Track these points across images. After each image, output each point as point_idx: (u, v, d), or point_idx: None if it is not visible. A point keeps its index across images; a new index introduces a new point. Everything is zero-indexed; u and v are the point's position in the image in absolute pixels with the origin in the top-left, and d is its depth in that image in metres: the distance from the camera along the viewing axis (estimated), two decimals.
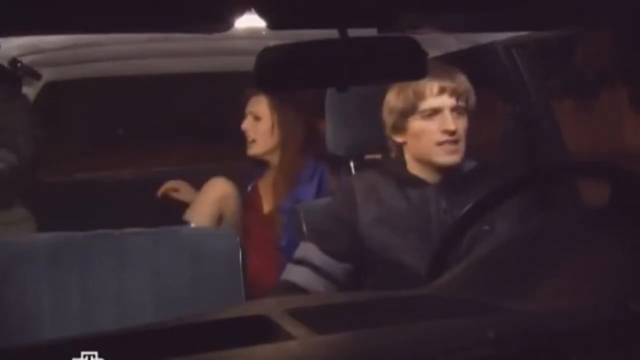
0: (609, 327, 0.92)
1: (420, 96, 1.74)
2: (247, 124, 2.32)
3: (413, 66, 1.28)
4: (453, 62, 1.84)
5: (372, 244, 1.76)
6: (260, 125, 2.29)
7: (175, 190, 2.52)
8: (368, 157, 2.23)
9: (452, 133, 1.73)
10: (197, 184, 2.47)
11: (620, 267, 1.10)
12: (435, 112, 1.75)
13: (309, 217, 1.98)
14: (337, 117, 2.05)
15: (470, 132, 1.78)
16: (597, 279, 1.08)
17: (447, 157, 1.75)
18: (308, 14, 1.05)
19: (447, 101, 1.74)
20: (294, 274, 1.78)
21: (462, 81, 1.77)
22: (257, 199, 2.40)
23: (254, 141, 2.31)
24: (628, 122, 5.88)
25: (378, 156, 2.20)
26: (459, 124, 1.75)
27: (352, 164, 2.17)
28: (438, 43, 2.17)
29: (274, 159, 2.32)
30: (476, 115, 1.83)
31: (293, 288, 1.74)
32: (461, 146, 1.76)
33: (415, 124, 1.77)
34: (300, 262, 1.78)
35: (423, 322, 1.02)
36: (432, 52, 2.16)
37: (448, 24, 1.47)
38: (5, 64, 2.14)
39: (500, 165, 1.95)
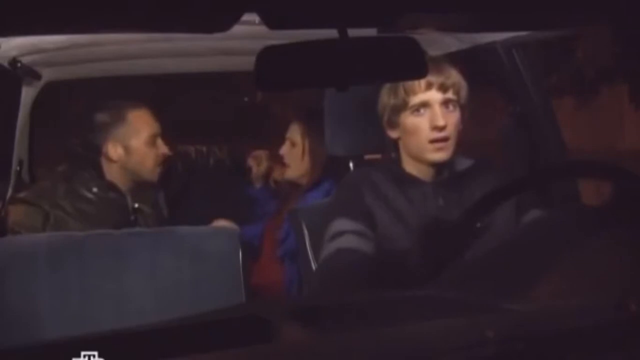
0: (609, 327, 0.92)
1: (409, 92, 1.74)
2: (284, 149, 2.41)
3: (413, 66, 1.29)
4: (453, 62, 1.84)
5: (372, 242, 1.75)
6: (295, 151, 2.37)
7: (257, 158, 2.66)
8: (368, 157, 2.23)
9: (441, 129, 1.73)
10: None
11: (620, 267, 1.10)
12: (424, 107, 1.74)
13: (309, 218, 1.98)
14: (337, 117, 2.04)
15: (464, 126, 1.78)
16: (597, 278, 1.08)
17: (437, 154, 1.75)
18: (308, 14, 1.04)
19: (435, 95, 1.74)
20: (337, 243, 1.71)
21: (451, 75, 1.75)
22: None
23: (289, 165, 2.40)
24: (628, 120, 5.87)
25: (378, 156, 2.20)
26: (449, 119, 1.74)
27: (351, 164, 2.17)
28: (438, 43, 2.17)
29: (304, 182, 2.40)
30: (476, 114, 1.83)
31: (342, 253, 1.69)
32: (451, 142, 1.75)
33: (407, 119, 1.77)
34: (337, 234, 1.72)
35: (423, 322, 1.02)
36: (432, 52, 2.16)
37: (448, 24, 1.47)
38: (5, 64, 2.13)
39: (498, 164, 1.95)
